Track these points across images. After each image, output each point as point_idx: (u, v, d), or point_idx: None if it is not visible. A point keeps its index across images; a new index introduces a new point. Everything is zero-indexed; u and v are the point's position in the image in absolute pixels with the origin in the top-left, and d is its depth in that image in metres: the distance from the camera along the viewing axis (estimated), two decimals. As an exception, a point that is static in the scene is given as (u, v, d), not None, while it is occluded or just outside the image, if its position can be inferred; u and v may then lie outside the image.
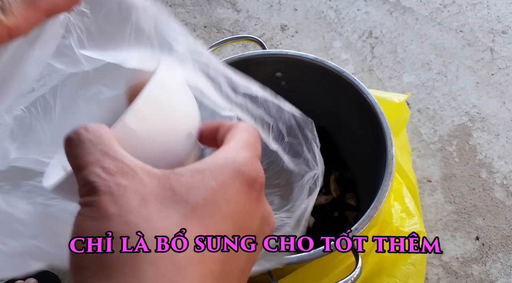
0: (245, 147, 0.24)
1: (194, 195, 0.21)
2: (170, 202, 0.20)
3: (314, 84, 0.67)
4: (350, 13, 1.01)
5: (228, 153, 0.23)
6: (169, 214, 0.20)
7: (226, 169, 0.22)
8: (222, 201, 0.21)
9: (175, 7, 1.04)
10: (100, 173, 0.20)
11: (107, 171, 0.20)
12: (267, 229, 0.24)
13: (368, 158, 0.64)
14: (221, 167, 0.22)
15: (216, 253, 0.20)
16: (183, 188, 0.21)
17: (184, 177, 0.21)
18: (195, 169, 0.22)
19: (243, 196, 0.22)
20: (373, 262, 0.60)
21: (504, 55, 0.93)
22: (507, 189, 0.78)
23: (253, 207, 0.22)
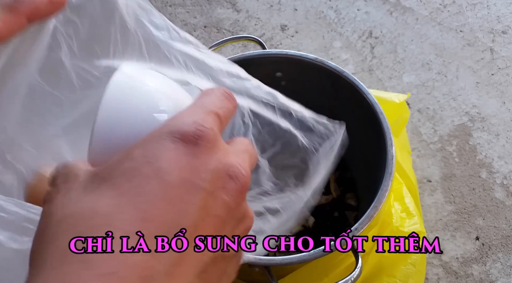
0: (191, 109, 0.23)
1: (112, 170, 0.20)
2: (89, 184, 0.21)
3: (314, 84, 0.67)
4: (350, 13, 1.01)
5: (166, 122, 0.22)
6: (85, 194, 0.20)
7: (153, 135, 0.21)
8: (143, 164, 0.20)
9: (175, 7, 1.04)
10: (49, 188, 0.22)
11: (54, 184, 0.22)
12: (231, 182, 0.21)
13: (368, 158, 0.64)
14: (149, 135, 0.21)
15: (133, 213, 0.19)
16: (104, 169, 0.21)
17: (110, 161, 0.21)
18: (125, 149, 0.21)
19: (173, 153, 0.20)
20: (373, 262, 0.60)
21: (504, 55, 0.93)
22: (507, 189, 0.78)
23: (194, 161, 0.20)
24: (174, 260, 0.19)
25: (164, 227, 0.19)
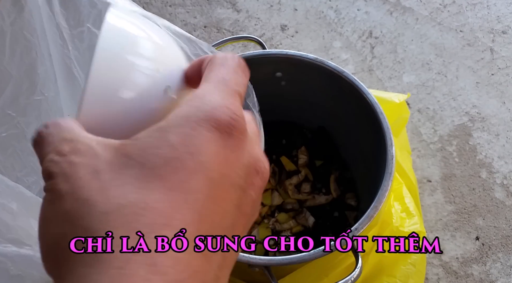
0: (216, 87, 0.21)
1: (150, 155, 0.18)
2: (124, 168, 0.18)
3: (314, 84, 0.67)
4: (350, 13, 1.01)
5: (194, 100, 0.20)
6: (124, 180, 0.18)
7: (189, 119, 0.19)
8: (185, 155, 0.18)
9: (175, 7, 1.04)
10: (53, 157, 0.19)
11: (60, 153, 0.19)
12: (257, 177, 0.21)
13: (368, 158, 0.64)
14: (183, 119, 0.19)
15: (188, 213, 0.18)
16: (138, 151, 0.19)
17: (140, 140, 0.19)
18: (154, 129, 0.19)
19: (214, 145, 0.19)
20: (373, 262, 0.60)
21: (504, 55, 0.93)
22: (507, 189, 0.78)
23: (232, 156, 0.19)
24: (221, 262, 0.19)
25: (213, 228, 0.19)
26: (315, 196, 0.73)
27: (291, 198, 0.73)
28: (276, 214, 0.73)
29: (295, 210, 0.73)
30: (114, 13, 0.23)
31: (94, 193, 0.18)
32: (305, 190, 0.73)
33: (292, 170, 0.76)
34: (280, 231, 0.71)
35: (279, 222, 0.72)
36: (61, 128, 0.20)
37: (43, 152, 0.20)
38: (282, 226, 0.71)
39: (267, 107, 0.76)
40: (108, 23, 0.22)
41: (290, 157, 0.77)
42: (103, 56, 0.22)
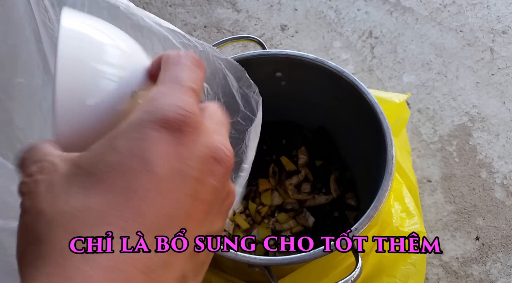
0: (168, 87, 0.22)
1: (97, 163, 0.20)
2: (74, 178, 0.20)
3: (314, 84, 0.67)
4: (350, 13, 1.01)
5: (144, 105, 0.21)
6: (71, 189, 0.19)
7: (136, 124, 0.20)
8: (129, 158, 0.19)
9: (175, 7, 1.04)
10: (24, 179, 0.21)
11: (29, 175, 0.21)
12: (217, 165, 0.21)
13: (368, 158, 0.64)
14: (131, 125, 0.20)
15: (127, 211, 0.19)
16: (87, 160, 0.20)
17: (90, 150, 0.20)
18: (105, 138, 0.20)
19: (161, 144, 0.20)
20: (373, 262, 0.60)
21: (504, 55, 0.93)
22: (507, 189, 0.78)
23: (181, 150, 0.20)
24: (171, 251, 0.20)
25: (160, 221, 0.19)
26: (315, 196, 0.73)
27: (291, 198, 0.73)
28: (276, 214, 0.73)
29: (295, 210, 0.73)
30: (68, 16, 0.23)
31: (45, 205, 0.20)
32: (305, 190, 0.73)
33: (292, 170, 0.76)
34: (280, 231, 0.71)
35: (279, 222, 0.72)
36: (36, 151, 0.22)
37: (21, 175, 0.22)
38: (282, 226, 0.71)
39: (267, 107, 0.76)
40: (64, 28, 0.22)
41: (290, 157, 0.77)
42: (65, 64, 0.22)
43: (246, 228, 0.71)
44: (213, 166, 0.21)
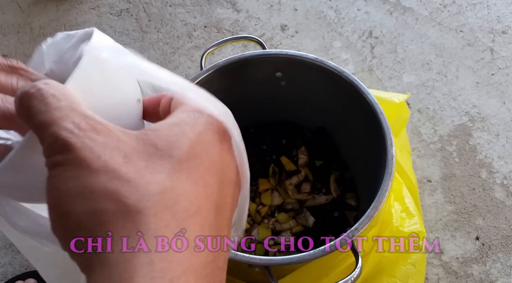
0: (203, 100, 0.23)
1: (176, 148, 0.20)
2: (155, 157, 0.19)
3: (314, 84, 0.67)
4: (350, 13, 1.01)
5: (194, 107, 0.22)
6: (156, 169, 0.19)
7: (198, 120, 0.21)
8: (202, 153, 0.20)
9: (175, 7, 1.04)
10: (72, 128, 0.18)
11: (79, 126, 0.18)
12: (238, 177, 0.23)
13: (368, 158, 0.64)
14: (193, 119, 0.21)
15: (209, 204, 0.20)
16: (165, 143, 0.20)
17: (162, 131, 0.20)
18: (171, 123, 0.21)
19: (217, 146, 0.21)
20: (373, 262, 0.60)
21: (504, 55, 0.93)
22: (507, 189, 0.78)
23: (227, 157, 0.22)
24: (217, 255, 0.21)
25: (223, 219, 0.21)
26: (315, 196, 0.73)
27: (291, 198, 0.73)
28: (276, 214, 0.73)
29: (295, 210, 0.73)
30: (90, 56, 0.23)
31: (134, 176, 0.18)
32: (305, 190, 0.73)
33: (292, 170, 0.76)
34: (280, 231, 0.71)
35: (279, 222, 0.72)
36: (66, 95, 0.19)
37: (49, 114, 0.19)
38: (282, 226, 0.71)
39: (267, 107, 0.77)
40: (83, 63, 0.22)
41: (290, 157, 0.77)
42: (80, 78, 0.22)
43: (246, 228, 0.71)
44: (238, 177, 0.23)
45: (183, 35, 1.00)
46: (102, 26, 1.02)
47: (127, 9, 1.05)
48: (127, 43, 0.99)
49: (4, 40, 1.02)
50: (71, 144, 0.18)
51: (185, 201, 0.19)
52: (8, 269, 0.76)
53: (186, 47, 0.98)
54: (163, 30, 1.00)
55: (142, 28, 1.01)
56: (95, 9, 1.05)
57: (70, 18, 1.04)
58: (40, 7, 1.06)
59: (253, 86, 0.71)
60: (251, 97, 0.73)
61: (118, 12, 1.04)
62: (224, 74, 0.65)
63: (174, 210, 0.19)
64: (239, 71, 0.66)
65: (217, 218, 0.20)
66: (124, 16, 1.03)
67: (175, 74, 0.26)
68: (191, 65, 0.95)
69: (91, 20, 1.03)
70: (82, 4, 1.06)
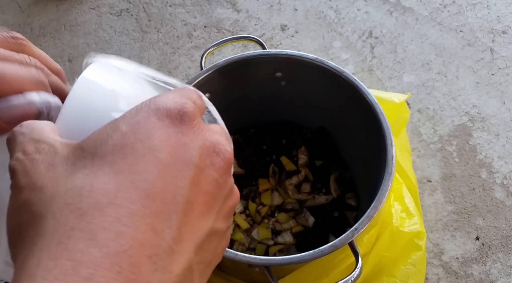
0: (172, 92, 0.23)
1: (101, 145, 0.20)
2: (78, 159, 0.20)
3: (314, 84, 0.67)
4: (350, 13, 1.01)
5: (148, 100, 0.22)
6: (74, 170, 0.20)
7: (140, 110, 0.21)
8: (135, 141, 0.20)
9: (175, 7, 1.04)
10: (18, 155, 0.21)
11: (25, 152, 0.21)
12: (218, 158, 0.22)
13: (368, 158, 0.64)
14: (135, 111, 0.21)
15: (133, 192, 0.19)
16: (91, 143, 0.20)
17: (94, 134, 0.21)
18: (108, 123, 0.21)
19: (164, 130, 0.20)
20: (373, 262, 0.60)
21: (504, 55, 0.93)
22: (507, 189, 0.78)
23: (184, 138, 0.21)
24: (176, 237, 0.19)
25: (164, 204, 0.19)
26: (315, 196, 0.73)
27: (291, 198, 0.73)
28: (276, 214, 0.73)
29: (295, 210, 0.73)
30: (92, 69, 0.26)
31: (47, 182, 0.20)
32: (305, 190, 0.73)
33: (292, 170, 0.76)
34: (280, 231, 0.71)
35: (279, 222, 0.72)
36: (33, 129, 0.22)
37: (13, 150, 0.22)
38: (282, 226, 0.71)
39: (267, 107, 0.77)
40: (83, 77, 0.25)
41: (290, 157, 0.77)
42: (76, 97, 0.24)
43: (246, 228, 0.71)
44: (213, 158, 0.22)
45: (183, 35, 1.00)
46: (102, 26, 1.02)
47: (127, 9, 1.05)
48: (127, 43, 0.99)
49: (4, 40, 1.02)
50: (15, 170, 0.21)
51: (96, 195, 0.19)
52: (8, 269, 0.76)
53: (186, 47, 0.98)
54: (163, 30, 1.00)
55: (142, 28, 1.01)
56: (95, 9, 1.05)
57: (70, 18, 1.04)
58: (40, 7, 1.06)
59: (253, 86, 0.71)
60: (251, 97, 0.73)
61: (118, 12, 1.04)
62: (224, 74, 0.65)
63: (76, 207, 0.18)
64: (239, 71, 0.66)
65: (151, 204, 0.19)
66: (124, 16, 1.03)
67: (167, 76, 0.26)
68: (191, 65, 0.95)
69: (91, 20, 1.03)
70: (82, 4, 1.06)
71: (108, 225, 0.18)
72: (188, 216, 0.20)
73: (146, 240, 0.18)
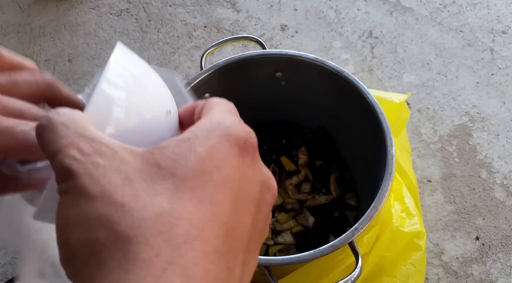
0: (228, 112, 0.22)
1: (181, 166, 0.19)
2: (157, 177, 0.18)
3: (314, 84, 0.67)
4: (350, 13, 1.01)
5: (213, 117, 0.21)
6: (156, 190, 0.18)
7: (213, 133, 0.20)
8: (213, 169, 0.19)
9: (175, 7, 1.04)
10: (75, 154, 0.18)
11: (83, 152, 0.19)
12: (268, 194, 0.21)
13: (368, 158, 0.64)
14: (207, 132, 0.20)
15: (216, 226, 0.18)
16: (169, 161, 0.19)
17: (168, 149, 0.19)
18: (179, 139, 0.19)
19: (235, 160, 0.20)
20: (373, 262, 0.60)
21: (504, 55, 0.93)
22: (507, 189, 0.78)
23: (248, 171, 0.20)
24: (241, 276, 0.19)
25: (236, 241, 0.19)
26: (315, 196, 0.73)
27: (291, 198, 0.73)
28: (276, 214, 0.73)
29: (295, 210, 0.73)
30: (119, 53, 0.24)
31: (129, 199, 0.18)
32: (305, 190, 0.73)
33: (292, 170, 0.76)
34: (280, 231, 0.71)
35: (279, 222, 0.72)
36: (75, 121, 0.20)
37: (56, 143, 0.19)
38: (282, 226, 0.71)
39: (267, 107, 0.77)
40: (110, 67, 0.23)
41: (290, 157, 0.77)
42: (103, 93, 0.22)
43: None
44: (267, 193, 0.21)
45: (183, 35, 1.00)
46: (102, 26, 1.02)
47: (127, 9, 1.05)
48: (127, 43, 0.99)
49: (4, 40, 1.02)
50: (73, 171, 0.18)
51: (185, 224, 0.18)
52: (8, 269, 0.76)
53: (186, 47, 0.98)
54: (163, 30, 1.00)
55: (142, 28, 1.01)
56: (95, 9, 1.05)
57: (70, 18, 1.04)
58: (40, 7, 1.06)
59: (253, 86, 0.71)
60: (251, 97, 0.73)
61: (118, 12, 1.04)
62: (224, 74, 0.65)
63: (169, 236, 0.17)
64: (239, 71, 0.66)
65: (228, 241, 0.18)
66: (124, 16, 1.04)
67: None
68: (191, 65, 0.95)
69: (91, 20, 1.04)
70: (82, 4, 1.06)
71: (198, 261, 0.17)
72: (247, 253, 0.20)
73: (224, 279, 0.18)
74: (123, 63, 0.23)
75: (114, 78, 0.22)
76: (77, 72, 0.96)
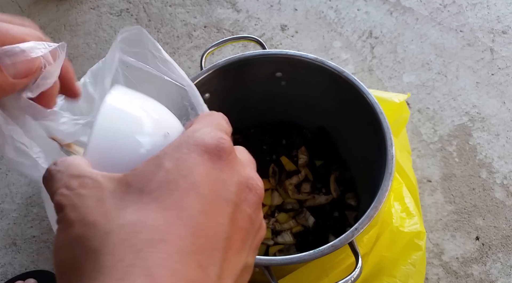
0: (205, 124, 0.24)
1: (147, 181, 0.21)
2: (126, 195, 0.21)
3: (314, 84, 0.67)
4: (350, 13, 1.01)
5: (186, 133, 0.23)
6: (124, 205, 0.20)
7: (181, 147, 0.22)
8: (179, 178, 0.21)
9: (175, 7, 1.04)
10: (63, 191, 0.22)
11: (70, 187, 0.22)
12: (250, 193, 0.23)
13: (368, 158, 0.64)
14: (175, 147, 0.22)
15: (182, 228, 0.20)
16: (137, 179, 0.21)
17: (138, 169, 0.22)
18: (151, 158, 0.22)
19: (204, 166, 0.21)
20: (373, 262, 0.60)
21: (504, 55, 0.93)
22: (507, 189, 0.78)
23: (221, 175, 0.22)
24: (219, 274, 0.20)
25: (208, 241, 0.20)
26: (315, 196, 0.73)
27: (291, 198, 0.73)
28: (276, 214, 0.73)
29: (295, 210, 0.73)
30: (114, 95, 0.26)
31: (99, 217, 0.20)
32: (305, 190, 0.73)
33: (292, 170, 0.76)
34: (280, 231, 0.71)
35: (279, 222, 0.72)
36: (70, 165, 0.23)
37: (54, 187, 0.23)
38: (282, 226, 0.71)
39: (267, 107, 0.77)
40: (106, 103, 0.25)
41: (290, 157, 0.77)
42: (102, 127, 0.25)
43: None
44: (247, 193, 0.23)
45: (183, 35, 1.00)
46: (102, 26, 1.02)
47: (127, 9, 1.05)
48: (127, 43, 0.99)
49: (4, 40, 1.02)
50: (61, 204, 0.21)
51: (148, 231, 0.19)
52: (8, 269, 0.76)
53: (186, 47, 0.98)
54: (163, 30, 1.00)
55: (142, 28, 1.01)
56: (95, 9, 1.05)
57: (70, 18, 1.04)
58: (40, 7, 1.06)
59: (253, 86, 0.71)
60: (251, 97, 0.73)
61: (118, 12, 1.04)
62: (224, 74, 0.65)
63: (132, 243, 0.19)
64: (239, 71, 0.66)
65: (197, 241, 0.20)
66: (124, 16, 1.04)
67: None
68: (191, 65, 0.95)
69: (91, 20, 1.04)
70: (82, 4, 1.06)
71: (161, 262, 0.19)
72: (227, 252, 0.21)
73: (195, 277, 0.19)
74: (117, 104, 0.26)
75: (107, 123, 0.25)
76: (77, 72, 0.95)
